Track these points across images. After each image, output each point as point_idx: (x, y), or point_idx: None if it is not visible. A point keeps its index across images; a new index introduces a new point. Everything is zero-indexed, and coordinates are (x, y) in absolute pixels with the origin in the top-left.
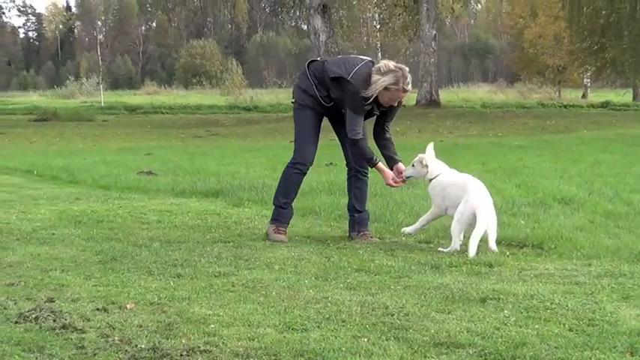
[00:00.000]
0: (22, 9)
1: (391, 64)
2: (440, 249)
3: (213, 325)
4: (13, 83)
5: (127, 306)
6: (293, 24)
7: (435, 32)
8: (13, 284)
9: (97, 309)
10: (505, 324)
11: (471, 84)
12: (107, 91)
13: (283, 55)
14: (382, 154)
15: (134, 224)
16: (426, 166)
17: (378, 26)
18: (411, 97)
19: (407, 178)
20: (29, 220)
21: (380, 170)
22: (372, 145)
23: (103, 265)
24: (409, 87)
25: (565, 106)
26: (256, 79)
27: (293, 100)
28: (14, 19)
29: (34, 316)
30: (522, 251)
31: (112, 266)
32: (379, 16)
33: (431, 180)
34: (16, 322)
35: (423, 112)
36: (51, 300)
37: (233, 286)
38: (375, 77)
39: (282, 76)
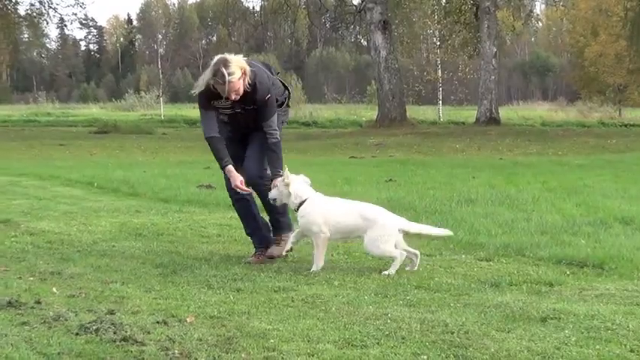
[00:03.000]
0: (83, 22)
1: (218, 57)
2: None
3: (272, 340)
4: (74, 95)
5: (187, 319)
6: (353, 39)
7: (495, 49)
8: (74, 296)
9: (157, 322)
10: (566, 344)
11: (530, 102)
12: (167, 104)
13: (343, 70)
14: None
15: (194, 237)
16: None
17: (438, 43)
18: (470, 115)
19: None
20: (90, 232)
21: (228, 173)
22: None
23: (163, 278)
24: (227, 77)
25: (626, 125)
26: (315, 95)
27: None
28: (76, 32)
29: (94, 327)
30: (583, 271)
31: (172, 279)
32: (439, 32)
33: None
34: (77, 334)
35: (483, 130)
36: (111, 312)
37: (292, 301)
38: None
39: (341, 92)
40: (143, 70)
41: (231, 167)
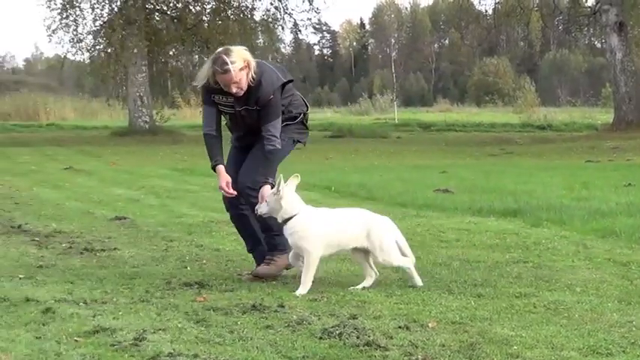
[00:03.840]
0: (317, 27)
1: (222, 47)
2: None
3: (515, 347)
4: (308, 99)
5: (429, 324)
6: (586, 42)
7: None
8: (316, 300)
9: (399, 327)
10: None
11: None
12: (400, 108)
13: (576, 73)
14: None
15: (433, 242)
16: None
17: None
18: None
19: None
20: None
21: (217, 172)
22: None
23: (403, 282)
24: (225, 67)
25: None
26: (549, 98)
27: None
28: (310, 37)
29: (337, 332)
30: None
31: (412, 284)
32: None
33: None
34: (321, 338)
35: None
36: (354, 317)
37: (534, 307)
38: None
39: (575, 95)
40: (376, 74)
41: (221, 167)
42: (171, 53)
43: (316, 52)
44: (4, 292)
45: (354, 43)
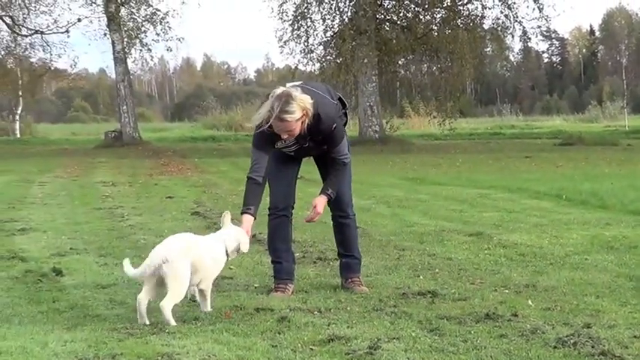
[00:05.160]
0: (546, 34)
1: (282, 90)
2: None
3: None
4: (536, 107)
5: None
6: None
7: None
8: (550, 308)
9: (635, 336)
10: None
11: None
12: (630, 115)
13: None
14: None
15: None
16: None
17: None
18: None
19: None
20: (561, 244)
21: (243, 220)
22: None
23: (637, 291)
24: (283, 116)
25: None
26: None
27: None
28: (539, 45)
29: (572, 341)
30: None
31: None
32: None
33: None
34: (555, 347)
35: None
36: (588, 326)
37: None
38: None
39: None
40: (605, 81)
41: (248, 217)
42: (400, 63)
43: (545, 60)
44: (240, 300)
45: (584, 50)
